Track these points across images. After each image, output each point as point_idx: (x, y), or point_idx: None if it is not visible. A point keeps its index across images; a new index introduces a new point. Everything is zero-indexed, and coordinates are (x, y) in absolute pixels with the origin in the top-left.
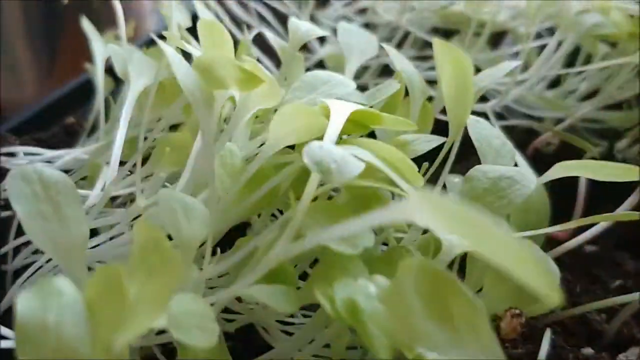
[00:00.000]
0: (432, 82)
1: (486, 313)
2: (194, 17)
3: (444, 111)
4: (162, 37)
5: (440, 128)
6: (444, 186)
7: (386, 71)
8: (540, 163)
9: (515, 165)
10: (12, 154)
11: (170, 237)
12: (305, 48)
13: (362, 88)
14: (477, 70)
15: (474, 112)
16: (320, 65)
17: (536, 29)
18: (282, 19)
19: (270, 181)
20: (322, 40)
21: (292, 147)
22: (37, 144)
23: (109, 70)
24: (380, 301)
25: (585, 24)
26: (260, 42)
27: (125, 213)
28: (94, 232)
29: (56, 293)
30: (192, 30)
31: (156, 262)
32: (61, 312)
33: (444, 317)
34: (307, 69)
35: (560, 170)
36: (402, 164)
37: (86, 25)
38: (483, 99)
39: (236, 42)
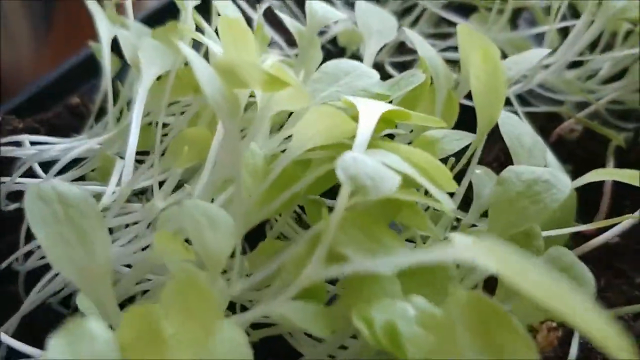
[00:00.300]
0: (450, 62)
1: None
2: None
3: (467, 95)
4: (167, 11)
5: (465, 115)
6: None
7: (402, 48)
8: (563, 150)
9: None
10: (18, 143)
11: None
12: None
13: (378, 66)
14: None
15: None
16: (334, 42)
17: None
18: None
19: (295, 185)
20: None
21: None
22: (40, 125)
23: (114, 44)
24: (420, 325)
25: (613, 8)
26: (269, 15)
27: (143, 212)
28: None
29: (88, 337)
30: (201, 8)
31: (193, 301)
32: (94, 359)
33: (492, 350)
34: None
35: (594, 176)
36: (434, 169)
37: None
38: None
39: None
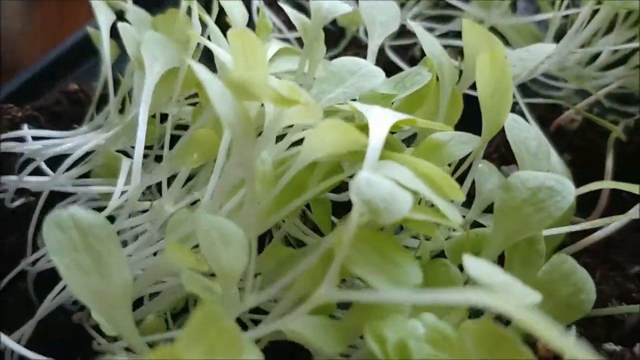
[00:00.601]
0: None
1: None
2: None
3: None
4: None
5: (469, 106)
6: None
7: (402, 31)
8: (562, 140)
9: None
10: (21, 139)
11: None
12: None
13: (378, 50)
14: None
15: None
16: (333, 22)
17: None
18: None
19: (305, 194)
20: None
21: None
22: (40, 113)
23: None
24: (429, 342)
25: None
26: None
27: (152, 214)
28: None
29: None
30: None
31: (215, 337)
32: None
33: None
34: None
35: (594, 186)
36: (441, 179)
37: None
38: None
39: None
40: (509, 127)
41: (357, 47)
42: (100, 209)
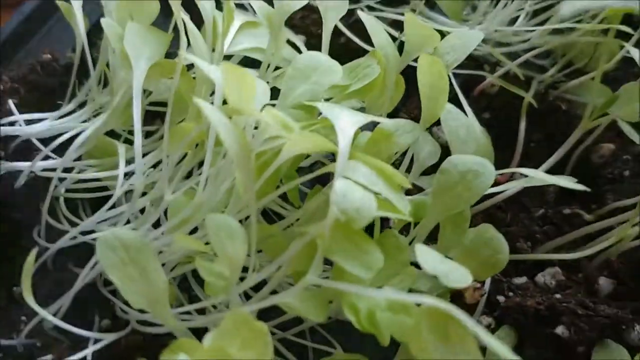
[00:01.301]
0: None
1: None
2: None
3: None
4: None
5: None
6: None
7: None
8: (484, 101)
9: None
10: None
11: None
12: None
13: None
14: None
15: None
16: None
17: None
18: None
19: (285, 185)
20: None
21: None
22: (19, 84)
23: None
24: (389, 310)
25: None
26: None
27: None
28: None
29: None
30: None
31: (247, 335)
32: None
33: (445, 340)
34: None
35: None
36: (393, 175)
37: None
38: None
39: None
40: (444, 119)
41: (305, 9)
42: (101, 189)
